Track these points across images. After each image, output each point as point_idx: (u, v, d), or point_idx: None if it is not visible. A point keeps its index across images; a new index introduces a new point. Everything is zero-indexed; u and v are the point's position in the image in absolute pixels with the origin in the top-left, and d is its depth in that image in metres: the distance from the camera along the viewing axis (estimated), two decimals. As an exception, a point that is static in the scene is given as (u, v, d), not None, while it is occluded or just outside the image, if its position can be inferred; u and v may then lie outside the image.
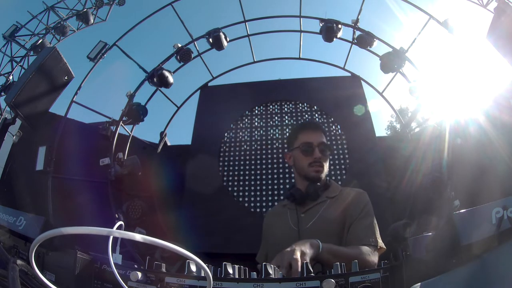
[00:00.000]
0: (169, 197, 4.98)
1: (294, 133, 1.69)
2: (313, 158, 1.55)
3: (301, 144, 1.59)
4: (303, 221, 1.46)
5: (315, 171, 1.55)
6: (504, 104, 3.45)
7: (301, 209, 1.51)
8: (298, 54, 6.07)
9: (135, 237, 0.43)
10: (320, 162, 1.56)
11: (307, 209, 1.51)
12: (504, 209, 0.65)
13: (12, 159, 5.16)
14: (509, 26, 3.61)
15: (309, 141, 1.58)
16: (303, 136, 1.61)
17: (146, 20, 5.52)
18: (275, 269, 0.79)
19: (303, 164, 1.57)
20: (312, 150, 1.56)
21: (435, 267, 0.68)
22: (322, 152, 1.58)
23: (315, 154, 1.56)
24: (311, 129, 1.66)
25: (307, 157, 1.56)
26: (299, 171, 1.61)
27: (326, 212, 1.47)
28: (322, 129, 1.68)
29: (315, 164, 1.55)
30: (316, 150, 1.56)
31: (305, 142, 1.58)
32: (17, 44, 5.97)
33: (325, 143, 1.61)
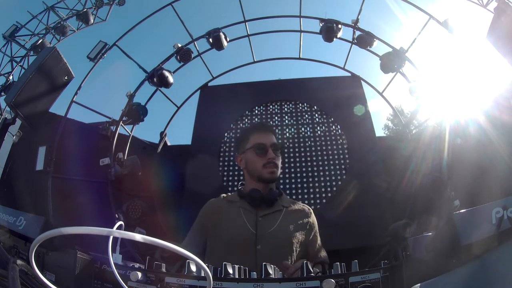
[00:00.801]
0: (169, 197, 4.98)
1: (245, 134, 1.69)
2: (267, 159, 1.55)
3: (254, 145, 1.58)
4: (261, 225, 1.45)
5: (269, 172, 1.54)
6: (504, 104, 3.45)
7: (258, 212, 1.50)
8: (298, 54, 6.06)
9: (135, 237, 0.43)
10: (274, 162, 1.56)
11: (265, 214, 1.50)
12: (504, 209, 0.65)
13: (12, 159, 5.16)
14: (509, 26, 3.61)
15: (261, 142, 1.58)
16: (255, 138, 1.61)
17: (146, 20, 5.52)
18: (275, 269, 0.79)
19: (256, 165, 1.56)
20: (265, 150, 1.56)
21: (435, 267, 0.68)
22: (275, 152, 1.57)
23: (269, 154, 1.55)
24: (262, 131, 1.66)
25: (261, 158, 1.56)
26: (252, 173, 1.59)
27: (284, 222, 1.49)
28: (273, 131, 1.69)
29: (269, 165, 1.55)
30: (270, 150, 1.56)
31: (258, 143, 1.57)
32: (17, 44, 5.96)
33: (277, 144, 1.61)
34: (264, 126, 1.78)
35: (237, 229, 1.46)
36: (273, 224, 1.47)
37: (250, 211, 1.51)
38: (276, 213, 1.52)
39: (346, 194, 4.64)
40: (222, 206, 1.60)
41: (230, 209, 1.55)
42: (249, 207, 1.52)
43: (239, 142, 1.70)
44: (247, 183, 1.65)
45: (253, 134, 1.64)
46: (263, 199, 1.52)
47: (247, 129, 1.78)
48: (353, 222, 4.26)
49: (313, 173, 5.05)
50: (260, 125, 1.76)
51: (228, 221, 1.51)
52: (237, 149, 1.71)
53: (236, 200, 1.58)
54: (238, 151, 1.69)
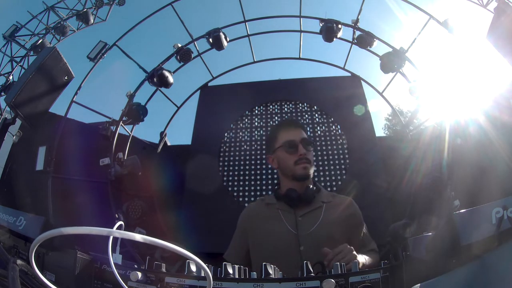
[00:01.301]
0: (169, 197, 4.98)
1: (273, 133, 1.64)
2: (298, 155, 1.50)
3: (283, 143, 1.54)
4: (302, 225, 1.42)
5: (302, 168, 1.50)
6: (504, 104, 3.45)
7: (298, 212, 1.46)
8: (298, 54, 6.07)
9: (135, 237, 0.43)
10: (306, 158, 1.51)
11: (305, 213, 1.46)
12: (504, 209, 0.65)
13: (12, 159, 5.16)
14: (509, 26, 3.61)
15: (291, 138, 1.54)
16: (283, 135, 1.57)
17: (146, 20, 5.52)
18: (275, 269, 0.79)
19: (288, 163, 1.52)
20: (296, 147, 1.52)
21: (435, 267, 0.68)
22: (306, 148, 1.53)
23: (300, 150, 1.51)
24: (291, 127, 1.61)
25: (292, 155, 1.52)
26: (285, 172, 1.56)
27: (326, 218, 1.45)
28: (301, 126, 1.65)
29: (301, 161, 1.50)
30: (300, 146, 1.51)
31: (288, 141, 1.53)
32: (17, 44, 5.96)
33: (307, 139, 1.56)
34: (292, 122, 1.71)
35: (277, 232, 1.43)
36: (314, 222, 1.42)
37: (288, 212, 1.47)
38: (316, 210, 1.47)
39: (346, 194, 4.62)
40: (260, 209, 1.58)
41: (268, 212, 1.52)
42: (288, 208, 1.48)
43: (269, 142, 1.65)
44: (282, 183, 1.60)
45: (281, 132, 1.59)
46: (301, 198, 1.48)
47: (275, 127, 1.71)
48: (353, 222, 4.25)
49: (313, 173, 5.04)
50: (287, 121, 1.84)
51: (267, 224, 1.48)
52: (268, 149, 1.67)
53: (273, 202, 1.55)
54: (269, 151, 1.64)
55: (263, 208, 1.57)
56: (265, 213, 1.53)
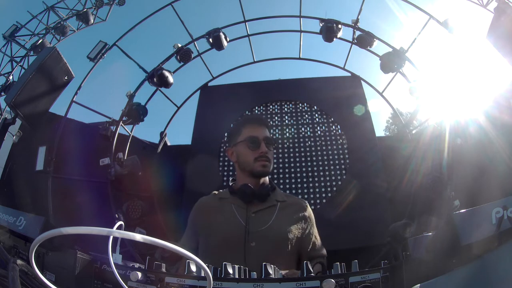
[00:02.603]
0: (169, 197, 4.98)
1: (237, 127, 1.62)
2: (259, 153, 1.50)
3: (246, 138, 1.53)
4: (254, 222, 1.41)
5: (261, 165, 1.49)
6: (504, 104, 3.45)
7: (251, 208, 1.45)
8: (298, 54, 6.07)
9: (135, 237, 0.43)
10: (266, 156, 1.51)
11: (258, 210, 1.45)
12: (504, 209, 0.65)
13: (12, 159, 5.16)
14: (509, 26, 3.61)
15: (254, 135, 1.53)
16: (247, 130, 1.55)
17: (146, 20, 5.52)
18: (275, 269, 0.79)
19: (248, 159, 1.51)
20: (258, 144, 1.51)
21: (435, 267, 0.68)
22: (268, 146, 1.52)
23: (261, 148, 1.50)
24: (256, 123, 1.60)
25: (253, 151, 1.51)
26: (243, 167, 1.55)
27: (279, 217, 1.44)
28: (266, 124, 1.63)
29: (261, 159, 1.49)
30: (262, 144, 1.51)
31: (251, 136, 1.52)
32: (17, 44, 5.96)
33: (270, 138, 1.55)
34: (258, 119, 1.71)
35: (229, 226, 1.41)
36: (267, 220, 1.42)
37: (242, 207, 1.46)
38: (270, 208, 1.47)
39: (346, 194, 4.64)
40: (213, 203, 1.55)
41: (221, 206, 1.50)
42: (241, 203, 1.47)
43: (231, 135, 1.65)
44: (238, 178, 1.59)
45: (246, 126, 1.58)
46: (255, 194, 1.46)
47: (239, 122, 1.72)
48: (353, 222, 4.26)
49: (313, 173, 5.05)
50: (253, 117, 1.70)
51: (219, 218, 1.46)
52: (229, 141, 1.66)
53: (227, 196, 1.53)
54: (230, 143, 1.63)
55: (216, 202, 1.55)
56: (217, 207, 1.52)
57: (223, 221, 1.44)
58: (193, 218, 1.57)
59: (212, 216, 1.49)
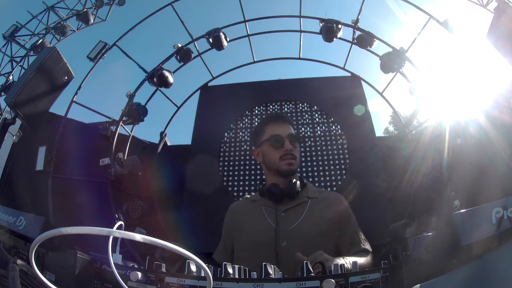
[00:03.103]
0: (169, 197, 4.98)
1: (260, 127, 1.60)
2: (283, 151, 1.47)
3: (269, 137, 1.50)
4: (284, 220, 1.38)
5: (287, 164, 1.47)
6: (504, 104, 3.45)
7: (280, 207, 1.43)
8: (298, 54, 6.07)
9: (135, 237, 0.43)
10: (291, 154, 1.48)
11: (287, 208, 1.42)
12: (504, 209, 0.65)
13: (12, 159, 5.16)
14: (509, 26, 3.61)
15: (277, 133, 1.50)
16: (270, 129, 1.53)
17: (146, 20, 5.52)
18: (275, 269, 0.79)
19: (273, 158, 1.49)
20: (282, 142, 1.48)
21: (435, 267, 0.68)
22: (292, 143, 1.49)
23: (286, 146, 1.47)
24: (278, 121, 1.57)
25: (277, 150, 1.48)
26: (269, 166, 1.53)
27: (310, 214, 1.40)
28: (289, 121, 1.61)
29: (286, 157, 1.47)
30: (287, 142, 1.48)
31: (274, 135, 1.50)
32: (17, 44, 5.96)
33: (294, 135, 1.53)
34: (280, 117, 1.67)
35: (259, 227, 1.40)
36: (297, 218, 1.38)
37: (271, 207, 1.44)
38: (300, 205, 1.43)
39: (346, 194, 4.63)
40: (244, 206, 1.56)
41: (252, 209, 1.50)
42: (271, 203, 1.45)
43: (255, 135, 1.62)
44: (267, 178, 1.57)
45: (268, 125, 1.56)
46: (283, 193, 1.44)
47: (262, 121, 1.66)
48: (353, 222, 4.25)
49: (313, 173, 5.05)
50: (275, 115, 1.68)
51: (250, 221, 1.46)
52: (254, 142, 1.63)
53: (257, 198, 1.52)
54: (255, 144, 1.61)
55: (248, 205, 1.55)
56: (248, 210, 1.52)
57: (253, 223, 1.44)
58: (226, 222, 1.59)
59: (243, 219, 1.50)
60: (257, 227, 1.41)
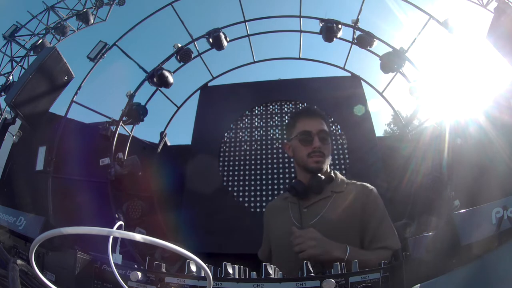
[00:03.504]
0: (169, 197, 4.98)
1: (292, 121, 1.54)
2: (312, 148, 1.41)
3: (299, 133, 1.45)
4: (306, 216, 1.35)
5: (315, 161, 1.42)
6: (504, 104, 3.45)
7: (304, 203, 1.40)
8: (298, 54, 6.07)
9: (135, 237, 0.43)
10: (320, 151, 1.42)
11: (310, 204, 1.39)
12: (504, 209, 0.65)
13: (12, 159, 5.16)
14: (509, 26, 3.61)
15: (307, 129, 1.44)
16: (301, 124, 1.47)
17: (146, 20, 5.52)
18: (275, 269, 0.79)
19: (302, 154, 1.44)
20: (311, 138, 1.42)
21: (435, 267, 0.68)
22: (322, 140, 1.43)
23: (315, 143, 1.41)
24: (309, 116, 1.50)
25: (306, 146, 1.43)
26: (298, 162, 1.49)
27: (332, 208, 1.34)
28: (322, 116, 1.52)
29: (314, 154, 1.41)
30: (316, 138, 1.42)
31: (303, 131, 1.44)
32: (17, 44, 5.96)
33: (325, 131, 1.45)
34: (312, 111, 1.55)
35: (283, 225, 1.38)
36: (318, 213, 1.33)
37: (295, 203, 1.41)
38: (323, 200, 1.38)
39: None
40: (277, 204, 1.55)
41: (283, 206, 1.47)
42: (296, 200, 1.42)
43: (287, 129, 1.57)
44: (296, 173, 1.54)
45: (299, 120, 1.49)
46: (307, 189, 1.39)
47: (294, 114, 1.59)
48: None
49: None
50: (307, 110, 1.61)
51: (278, 217, 1.46)
52: (287, 136, 1.57)
53: (288, 195, 1.49)
54: (287, 138, 1.56)
55: (281, 202, 1.53)
56: (279, 207, 1.51)
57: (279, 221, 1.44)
58: (264, 221, 1.58)
59: (274, 216, 1.51)
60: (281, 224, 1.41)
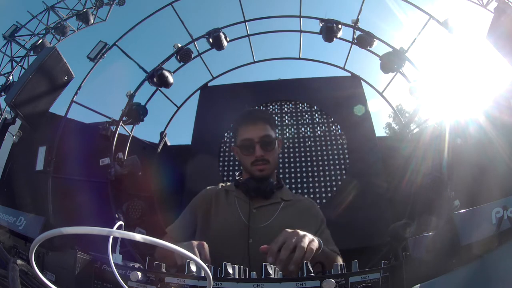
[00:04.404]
0: (169, 197, 4.98)
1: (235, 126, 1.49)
2: (254, 157, 1.37)
3: (240, 141, 1.41)
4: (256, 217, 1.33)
5: (258, 170, 1.38)
6: (504, 104, 3.45)
7: (253, 204, 1.38)
8: (298, 54, 6.07)
9: (135, 237, 0.43)
10: (263, 159, 1.37)
11: (260, 206, 1.38)
12: (504, 209, 0.65)
13: (12, 159, 5.16)
14: (509, 26, 3.61)
15: (248, 136, 1.39)
16: (242, 131, 1.42)
17: (146, 20, 5.52)
18: (275, 269, 0.79)
19: (245, 162, 1.41)
20: (252, 147, 1.37)
21: (435, 267, 0.68)
22: (265, 147, 1.38)
23: (256, 151, 1.37)
24: (250, 122, 1.43)
25: (248, 155, 1.39)
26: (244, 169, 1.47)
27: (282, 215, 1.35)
28: (264, 119, 1.45)
29: (257, 163, 1.37)
30: (257, 147, 1.36)
31: (244, 139, 1.40)
32: (17, 44, 5.96)
33: (268, 136, 1.39)
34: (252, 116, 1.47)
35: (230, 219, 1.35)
36: (268, 217, 1.33)
37: (244, 201, 1.38)
38: (273, 205, 1.38)
39: (346, 194, 4.64)
40: (217, 194, 1.47)
41: (225, 198, 1.43)
42: (244, 197, 1.39)
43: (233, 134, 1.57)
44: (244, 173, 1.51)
45: (240, 127, 1.45)
46: (259, 190, 1.37)
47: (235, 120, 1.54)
48: (353, 222, 4.26)
49: (313, 173, 5.05)
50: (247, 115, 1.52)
51: (221, 209, 1.40)
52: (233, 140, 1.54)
53: (232, 189, 1.46)
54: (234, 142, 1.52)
55: (221, 193, 1.47)
56: (221, 198, 1.45)
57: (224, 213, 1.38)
58: (195, 203, 1.50)
59: (214, 206, 1.42)
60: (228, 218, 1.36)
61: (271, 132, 1.43)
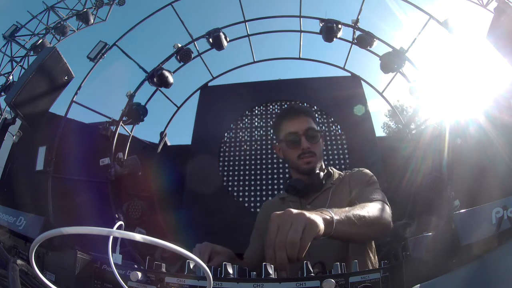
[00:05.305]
0: (169, 197, 4.99)
1: (277, 123, 1.48)
2: (300, 149, 1.36)
3: (285, 136, 1.40)
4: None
5: (305, 163, 1.37)
6: (504, 104, 3.45)
7: (305, 201, 1.37)
8: (298, 54, 6.07)
9: (135, 237, 0.43)
10: (310, 151, 1.37)
11: (313, 199, 1.36)
12: (504, 209, 0.65)
13: (12, 159, 5.16)
14: (509, 26, 3.61)
15: (292, 130, 1.38)
16: (285, 126, 1.41)
17: (146, 20, 5.53)
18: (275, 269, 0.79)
19: (292, 157, 1.40)
20: (298, 140, 1.36)
21: (435, 267, 0.68)
22: (310, 139, 1.37)
23: (302, 144, 1.36)
24: (293, 116, 1.43)
25: (294, 149, 1.38)
26: (290, 164, 1.46)
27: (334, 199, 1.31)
28: (306, 112, 1.45)
29: (304, 156, 1.36)
30: (303, 139, 1.36)
31: (289, 133, 1.39)
32: (17, 44, 5.96)
33: (312, 128, 1.39)
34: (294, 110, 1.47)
35: None
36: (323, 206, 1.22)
37: (296, 202, 1.37)
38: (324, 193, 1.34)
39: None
40: (274, 204, 1.48)
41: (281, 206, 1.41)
42: (296, 199, 1.38)
43: (274, 131, 1.51)
44: (292, 174, 1.50)
45: (283, 121, 1.44)
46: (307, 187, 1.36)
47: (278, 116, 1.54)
48: (353, 222, 4.25)
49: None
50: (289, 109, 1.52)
51: None
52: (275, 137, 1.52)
53: (285, 196, 1.45)
54: (276, 140, 1.51)
55: (277, 202, 1.48)
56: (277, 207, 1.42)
57: None
58: (257, 221, 1.51)
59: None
60: None
61: (314, 125, 1.42)
